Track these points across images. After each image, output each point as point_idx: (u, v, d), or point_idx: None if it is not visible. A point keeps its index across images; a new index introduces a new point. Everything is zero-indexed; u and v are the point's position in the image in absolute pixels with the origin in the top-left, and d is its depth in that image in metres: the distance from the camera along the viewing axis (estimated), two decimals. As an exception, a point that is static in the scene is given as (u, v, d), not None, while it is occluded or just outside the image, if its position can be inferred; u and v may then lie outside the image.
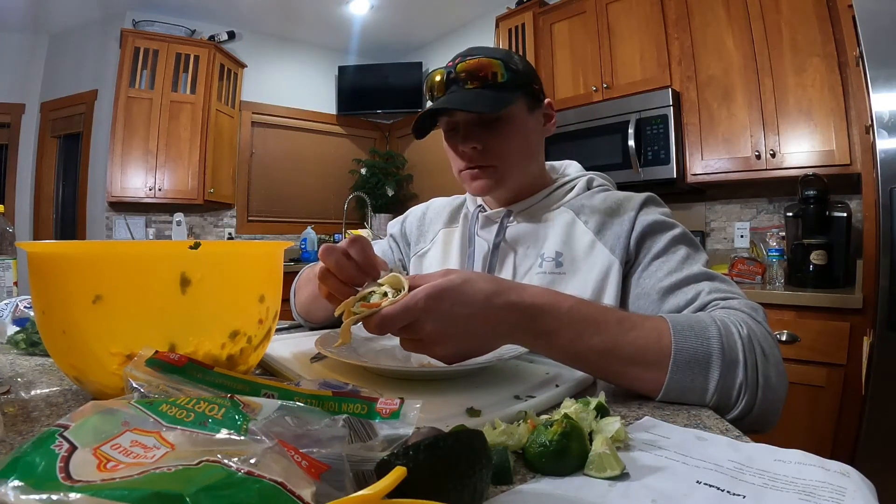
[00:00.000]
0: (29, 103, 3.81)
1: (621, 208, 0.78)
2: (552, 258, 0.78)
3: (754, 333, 0.58)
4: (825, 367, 1.65)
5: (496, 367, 0.65)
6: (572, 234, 0.79)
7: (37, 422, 0.47)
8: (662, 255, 0.73)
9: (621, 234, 0.75)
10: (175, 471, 0.26)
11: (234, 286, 0.54)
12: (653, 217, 0.76)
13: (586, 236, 0.78)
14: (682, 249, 0.73)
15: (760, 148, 2.07)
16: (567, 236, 0.79)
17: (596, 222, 0.78)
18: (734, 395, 0.55)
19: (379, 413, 0.38)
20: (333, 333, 0.74)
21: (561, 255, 0.78)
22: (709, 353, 0.54)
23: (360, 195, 4.08)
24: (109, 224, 3.54)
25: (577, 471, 0.39)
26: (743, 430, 0.48)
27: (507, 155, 0.80)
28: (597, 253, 0.76)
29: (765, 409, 0.56)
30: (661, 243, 0.74)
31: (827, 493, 0.35)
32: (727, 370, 0.54)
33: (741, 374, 0.55)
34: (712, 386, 0.54)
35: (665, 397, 0.55)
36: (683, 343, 0.54)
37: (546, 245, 0.80)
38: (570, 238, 0.79)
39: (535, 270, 0.79)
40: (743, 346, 0.56)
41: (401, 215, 1.08)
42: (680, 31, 2.30)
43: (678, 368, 0.54)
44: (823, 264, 1.85)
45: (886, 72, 1.43)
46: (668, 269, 0.71)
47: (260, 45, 4.03)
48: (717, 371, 0.54)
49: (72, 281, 0.48)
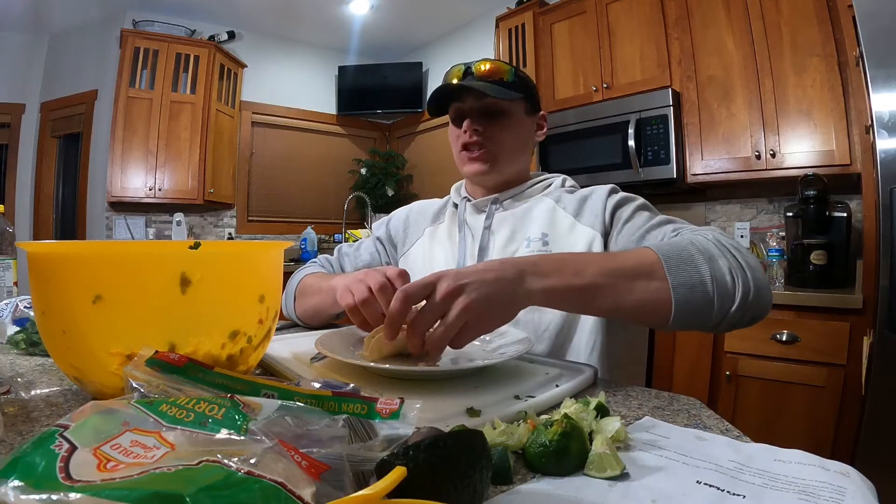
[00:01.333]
0: (29, 103, 3.81)
1: (593, 195, 0.89)
2: (538, 238, 0.87)
3: (717, 237, 0.66)
4: (825, 367, 1.65)
5: (496, 367, 0.65)
6: (554, 218, 0.89)
7: (37, 422, 0.47)
8: (631, 218, 0.84)
9: (597, 212, 0.86)
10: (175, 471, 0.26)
11: (234, 286, 0.54)
12: (619, 196, 0.88)
13: (566, 220, 0.88)
14: (646, 212, 0.85)
15: (760, 148, 2.07)
16: (549, 220, 0.89)
17: (573, 208, 0.89)
18: (728, 279, 0.61)
19: (379, 413, 0.38)
20: (333, 334, 0.74)
21: (546, 235, 0.87)
22: (689, 251, 0.62)
23: (360, 195, 4.08)
24: (109, 224, 3.54)
25: (577, 471, 0.39)
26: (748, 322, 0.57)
27: (502, 142, 0.91)
28: (578, 232, 0.86)
29: (758, 287, 0.62)
30: (628, 210, 0.85)
31: (827, 493, 0.35)
32: (710, 260, 0.61)
33: (723, 261, 0.62)
34: (707, 274, 0.60)
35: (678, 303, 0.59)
36: (664, 250, 0.62)
37: (531, 228, 0.89)
38: (552, 221, 0.89)
39: (523, 250, 0.87)
40: (713, 244, 0.64)
41: (385, 217, 1.14)
42: (680, 31, 2.30)
43: (672, 269, 0.60)
44: (823, 264, 1.85)
45: (886, 72, 1.43)
46: (638, 224, 0.81)
47: (260, 45, 4.03)
48: (704, 263, 0.61)
49: (72, 281, 0.48)
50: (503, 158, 0.92)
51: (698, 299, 0.60)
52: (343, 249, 1.13)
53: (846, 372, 1.61)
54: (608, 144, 2.43)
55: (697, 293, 0.60)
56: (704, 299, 0.60)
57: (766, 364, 1.76)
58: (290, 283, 1.04)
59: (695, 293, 0.60)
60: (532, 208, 0.92)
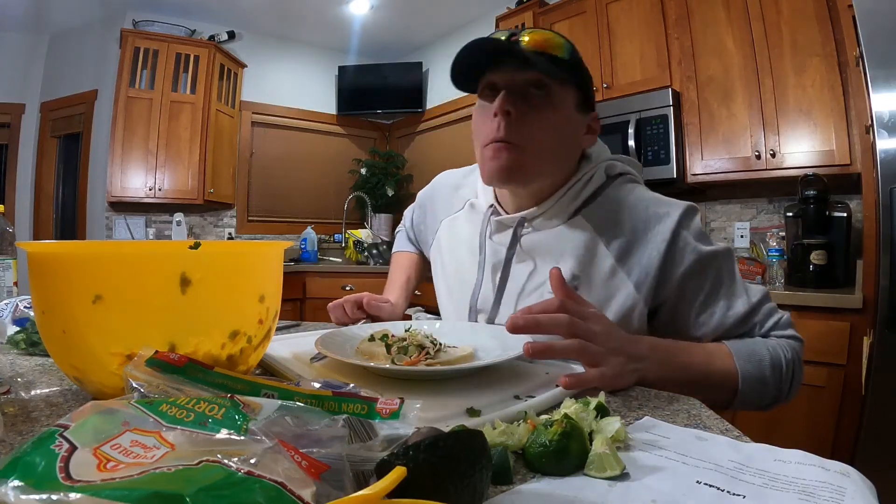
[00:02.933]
0: (29, 103, 3.81)
1: (649, 231, 0.70)
2: (567, 280, 0.68)
3: (795, 356, 0.72)
4: (825, 367, 1.65)
5: (496, 367, 0.65)
6: (591, 258, 0.72)
7: (37, 422, 0.47)
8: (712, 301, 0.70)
9: (649, 268, 0.69)
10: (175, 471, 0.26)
11: (234, 286, 0.54)
12: (690, 258, 0.69)
13: (607, 261, 0.71)
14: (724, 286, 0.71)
15: (760, 148, 2.07)
16: (585, 258, 0.71)
17: (619, 245, 0.71)
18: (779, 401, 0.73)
19: (379, 413, 0.38)
20: (333, 333, 0.74)
21: (577, 279, 0.71)
22: (764, 379, 0.69)
23: (360, 195, 4.08)
24: (109, 224, 3.54)
25: (577, 471, 0.39)
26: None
27: (538, 139, 0.70)
28: (618, 283, 0.71)
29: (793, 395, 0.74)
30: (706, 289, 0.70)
31: (827, 493, 0.35)
32: (776, 387, 0.70)
33: (784, 387, 0.71)
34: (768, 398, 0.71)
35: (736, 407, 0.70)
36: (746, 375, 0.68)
37: (561, 264, 0.72)
38: (588, 261, 0.72)
39: (547, 288, 0.67)
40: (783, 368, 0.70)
41: (409, 209, 1.12)
42: (680, 31, 2.30)
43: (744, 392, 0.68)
44: (823, 264, 1.85)
45: (886, 72, 1.43)
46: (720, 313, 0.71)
47: (260, 45, 4.03)
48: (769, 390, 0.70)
49: (72, 281, 0.48)
50: (533, 162, 0.70)
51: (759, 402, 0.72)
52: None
53: (846, 372, 1.61)
54: (608, 144, 2.41)
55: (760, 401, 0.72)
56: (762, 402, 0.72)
57: (766, 364, 1.76)
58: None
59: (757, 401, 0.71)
60: (566, 237, 0.73)
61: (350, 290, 3.35)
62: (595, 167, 0.77)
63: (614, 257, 0.71)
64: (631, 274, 0.70)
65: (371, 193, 4.17)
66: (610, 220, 0.73)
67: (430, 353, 0.65)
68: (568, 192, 0.75)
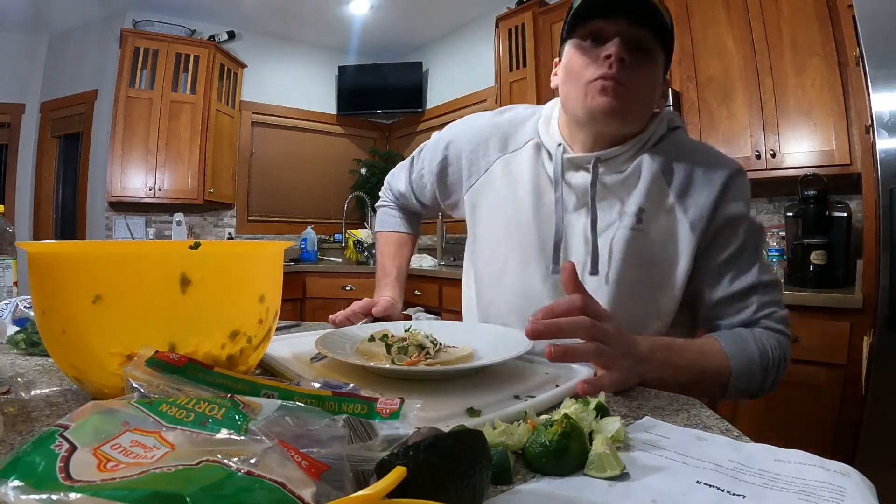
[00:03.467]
0: (29, 103, 3.81)
1: (708, 175, 0.77)
2: (634, 213, 0.77)
3: (782, 354, 0.76)
4: (825, 366, 1.65)
5: (496, 367, 0.65)
6: (656, 194, 0.77)
7: (37, 422, 0.47)
8: (731, 262, 0.77)
9: (702, 212, 0.76)
10: (175, 471, 0.26)
11: (234, 286, 0.54)
12: (733, 210, 0.77)
13: (667, 198, 0.78)
14: (746, 253, 0.78)
15: (760, 148, 2.07)
16: (651, 195, 0.77)
17: (679, 185, 0.78)
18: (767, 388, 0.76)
19: (379, 413, 0.38)
20: (333, 334, 0.74)
21: (643, 212, 0.77)
22: (753, 371, 0.73)
23: (360, 195, 4.08)
24: (109, 224, 3.54)
25: (577, 471, 0.39)
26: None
27: (640, 89, 0.75)
28: (675, 220, 0.77)
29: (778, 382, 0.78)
30: (732, 247, 0.77)
31: (827, 493, 0.35)
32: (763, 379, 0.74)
33: (771, 376, 0.75)
34: (756, 385, 0.75)
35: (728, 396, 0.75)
36: (738, 367, 0.72)
37: (630, 200, 0.78)
38: (653, 197, 0.77)
39: (617, 224, 0.78)
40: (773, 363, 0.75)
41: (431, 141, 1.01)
42: (680, 32, 2.30)
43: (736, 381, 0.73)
44: (823, 264, 1.85)
45: (886, 72, 1.43)
46: (731, 276, 0.77)
47: (260, 45, 4.03)
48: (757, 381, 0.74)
49: (72, 281, 0.48)
50: (633, 108, 0.76)
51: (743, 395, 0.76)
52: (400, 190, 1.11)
53: (846, 372, 1.61)
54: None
55: (744, 394, 0.75)
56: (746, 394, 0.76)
57: (766, 364, 1.76)
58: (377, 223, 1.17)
59: (742, 394, 0.75)
60: (634, 174, 0.78)
61: (350, 290, 3.35)
62: (659, 119, 0.83)
63: (675, 195, 0.77)
64: (687, 212, 0.77)
65: (371, 193, 4.17)
66: (672, 162, 0.79)
67: (430, 353, 0.65)
68: (639, 140, 0.80)
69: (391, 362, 0.63)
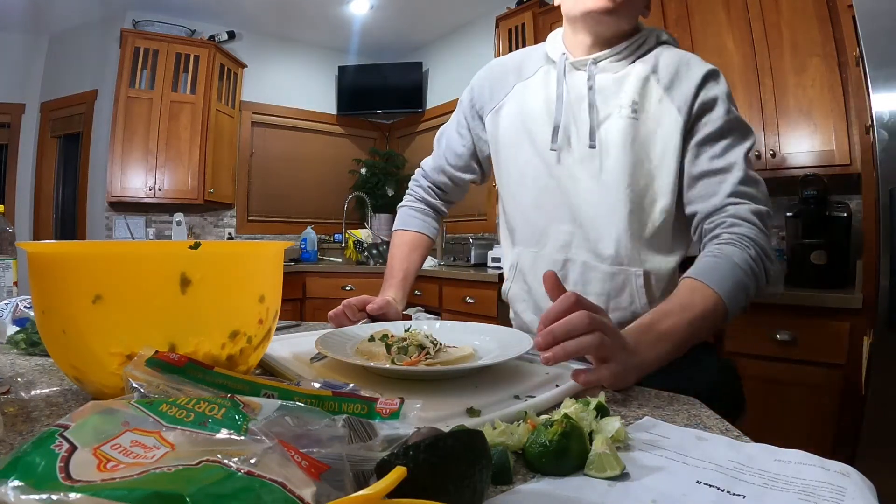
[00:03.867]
0: (29, 103, 3.81)
1: (688, 73, 0.88)
2: (629, 105, 0.88)
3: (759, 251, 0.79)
4: (825, 367, 1.65)
5: (496, 367, 0.65)
6: (646, 88, 0.89)
7: (37, 422, 0.47)
8: (710, 140, 0.86)
9: (686, 96, 0.86)
10: (175, 471, 0.26)
11: (234, 286, 0.54)
12: (713, 93, 0.87)
13: (657, 91, 0.88)
14: (727, 139, 0.85)
15: (760, 148, 2.07)
16: (642, 88, 0.88)
17: (666, 79, 0.88)
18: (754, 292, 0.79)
19: (379, 413, 0.38)
20: (333, 333, 0.74)
21: (636, 104, 0.88)
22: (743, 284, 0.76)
23: (360, 195, 4.08)
24: (109, 224, 3.54)
25: (577, 471, 0.39)
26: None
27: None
28: (665, 108, 0.88)
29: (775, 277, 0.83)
30: (711, 126, 0.86)
31: (827, 493, 0.35)
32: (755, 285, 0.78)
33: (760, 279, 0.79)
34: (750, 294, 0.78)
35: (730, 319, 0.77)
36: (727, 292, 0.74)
37: (623, 94, 0.89)
38: (644, 90, 0.89)
39: (615, 115, 0.89)
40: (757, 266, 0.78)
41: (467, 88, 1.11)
42: (680, 32, 2.30)
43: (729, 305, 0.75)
44: (823, 264, 1.85)
45: (886, 72, 1.43)
46: (711, 154, 0.85)
47: (260, 45, 4.03)
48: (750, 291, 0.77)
49: (72, 281, 0.48)
50: (625, 6, 0.88)
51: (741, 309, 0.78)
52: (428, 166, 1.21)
53: (846, 372, 1.61)
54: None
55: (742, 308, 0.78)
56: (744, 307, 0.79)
57: (766, 364, 1.76)
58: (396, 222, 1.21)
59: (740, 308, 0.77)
60: (628, 77, 0.90)
61: (350, 290, 3.35)
62: (649, 32, 0.95)
63: (663, 88, 0.88)
64: (674, 100, 0.87)
65: (371, 193, 4.17)
66: (659, 63, 0.90)
67: (430, 353, 0.65)
68: (630, 44, 0.92)
69: (391, 362, 0.63)
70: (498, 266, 2.95)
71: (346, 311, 0.94)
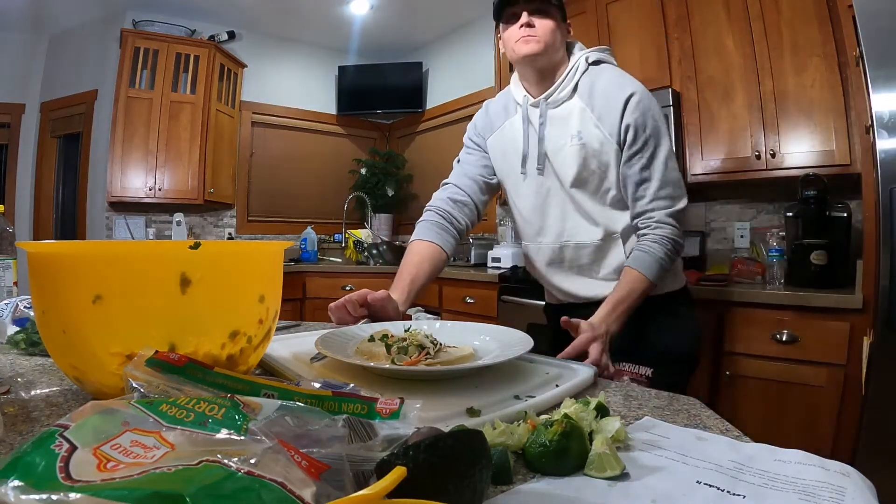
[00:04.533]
0: (29, 103, 3.81)
1: (614, 101, 1.12)
2: (576, 135, 1.15)
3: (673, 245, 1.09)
4: (825, 367, 1.65)
5: (496, 367, 0.65)
6: (583, 119, 1.15)
7: (37, 422, 0.47)
8: (638, 152, 1.11)
9: (614, 122, 1.12)
10: (175, 471, 0.26)
11: (234, 286, 0.54)
12: (632, 118, 1.10)
13: (591, 120, 1.14)
14: (649, 149, 1.11)
15: (760, 148, 2.07)
16: (581, 121, 1.15)
17: (598, 111, 1.14)
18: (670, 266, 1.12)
19: (379, 413, 0.38)
20: (333, 333, 0.74)
21: (581, 133, 1.15)
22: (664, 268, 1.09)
23: (360, 195, 4.08)
24: (109, 224, 3.54)
25: (577, 471, 0.39)
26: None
27: (547, 34, 1.14)
28: (600, 132, 1.13)
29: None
30: (638, 143, 1.11)
31: (827, 493, 0.35)
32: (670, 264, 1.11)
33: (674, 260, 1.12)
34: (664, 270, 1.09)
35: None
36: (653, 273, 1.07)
37: (570, 126, 1.16)
38: (582, 122, 1.15)
39: (568, 144, 1.16)
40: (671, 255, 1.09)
41: (470, 123, 1.38)
42: (680, 32, 2.30)
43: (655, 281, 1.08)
44: (823, 264, 1.85)
45: (886, 72, 1.43)
46: (639, 165, 1.11)
47: (260, 45, 4.03)
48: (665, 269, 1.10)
49: (72, 281, 0.48)
50: (547, 46, 1.14)
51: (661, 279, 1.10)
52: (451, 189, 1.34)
53: (846, 372, 1.61)
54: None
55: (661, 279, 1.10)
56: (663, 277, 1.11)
57: (766, 364, 1.76)
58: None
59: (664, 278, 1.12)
60: (571, 112, 1.16)
61: (350, 290, 3.35)
62: (579, 58, 1.19)
63: (596, 118, 1.14)
64: (605, 127, 1.13)
65: (371, 193, 4.17)
66: (591, 95, 1.15)
67: (430, 353, 0.65)
68: (566, 78, 1.18)
69: (391, 362, 0.63)
70: (498, 266, 2.95)
71: (347, 305, 0.96)
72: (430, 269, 1.16)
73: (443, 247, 1.20)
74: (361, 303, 0.97)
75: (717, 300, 1.89)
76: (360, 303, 0.97)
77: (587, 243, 1.18)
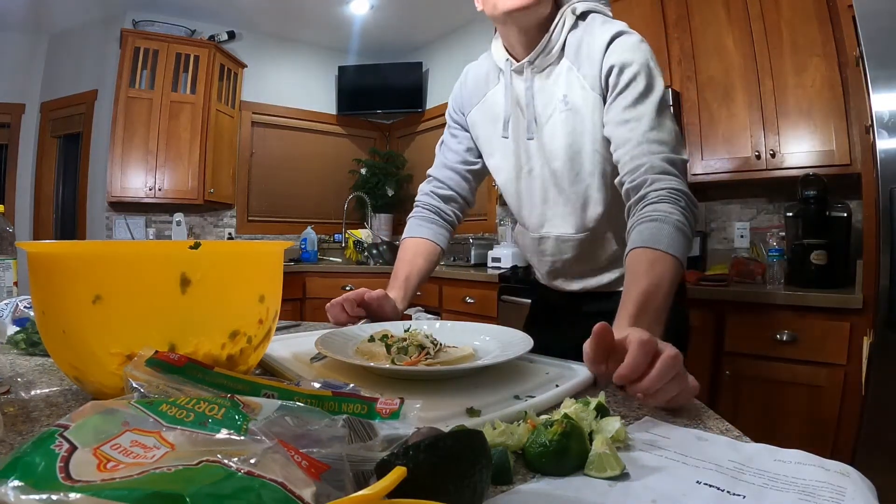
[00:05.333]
0: (29, 103, 3.81)
1: (595, 52, 0.96)
2: (562, 100, 1.00)
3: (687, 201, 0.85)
4: (825, 367, 1.65)
5: (496, 367, 0.65)
6: (570, 81, 1.00)
7: (37, 422, 0.47)
8: (622, 91, 0.93)
9: (595, 74, 0.96)
10: (175, 471, 0.26)
11: (234, 286, 0.54)
12: (615, 59, 0.94)
13: (577, 81, 0.99)
14: (636, 87, 0.92)
15: (760, 148, 2.07)
16: (568, 83, 1.00)
17: (579, 65, 0.99)
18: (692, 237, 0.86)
19: (379, 413, 0.38)
20: (333, 333, 0.74)
21: (567, 97, 1.00)
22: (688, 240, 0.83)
23: (360, 195, 4.08)
24: (109, 224, 3.54)
25: (577, 471, 0.39)
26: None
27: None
28: (587, 93, 0.98)
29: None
30: (622, 82, 0.93)
31: (827, 493, 0.35)
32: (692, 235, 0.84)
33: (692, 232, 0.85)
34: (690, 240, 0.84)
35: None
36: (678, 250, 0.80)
37: (557, 91, 1.01)
38: (569, 84, 1.00)
39: (556, 111, 1.01)
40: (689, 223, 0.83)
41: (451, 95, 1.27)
42: (680, 32, 2.30)
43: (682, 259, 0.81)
44: (823, 264, 1.85)
45: (886, 72, 1.43)
46: (623, 104, 0.92)
47: (260, 45, 4.03)
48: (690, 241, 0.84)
49: (72, 281, 0.48)
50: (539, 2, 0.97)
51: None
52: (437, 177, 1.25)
53: (846, 372, 1.61)
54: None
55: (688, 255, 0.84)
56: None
57: (766, 364, 1.76)
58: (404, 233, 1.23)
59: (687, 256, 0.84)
60: (557, 76, 1.01)
61: (350, 290, 3.35)
62: (564, 10, 1.01)
63: (582, 76, 0.98)
64: (588, 81, 0.97)
65: (371, 193, 4.17)
66: (577, 54, 0.99)
67: (430, 353, 0.65)
68: (552, 36, 1.00)
69: (391, 362, 0.63)
70: (498, 266, 2.95)
71: (344, 303, 0.96)
72: (425, 263, 1.14)
73: (434, 240, 1.17)
74: (358, 302, 0.97)
75: (717, 300, 1.89)
76: (356, 302, 0.96)
77: (568, 237, 1.05)
